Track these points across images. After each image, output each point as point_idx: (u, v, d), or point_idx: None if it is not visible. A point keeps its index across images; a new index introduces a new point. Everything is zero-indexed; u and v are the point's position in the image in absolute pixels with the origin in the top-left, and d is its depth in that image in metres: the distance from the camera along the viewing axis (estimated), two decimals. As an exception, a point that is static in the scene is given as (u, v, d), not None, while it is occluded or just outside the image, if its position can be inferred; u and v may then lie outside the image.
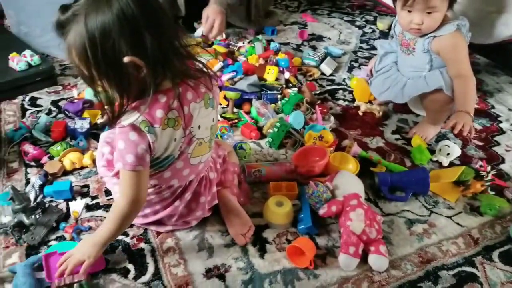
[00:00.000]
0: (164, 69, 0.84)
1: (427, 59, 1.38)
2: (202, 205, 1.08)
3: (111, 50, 0.77)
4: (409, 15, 1.31)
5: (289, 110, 1.49)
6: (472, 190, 1.27)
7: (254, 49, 1.86)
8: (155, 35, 0.79)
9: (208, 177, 1.10)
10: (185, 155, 0.98)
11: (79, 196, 1.20)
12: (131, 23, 0.77)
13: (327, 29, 2.26)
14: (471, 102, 1.32)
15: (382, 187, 1.24)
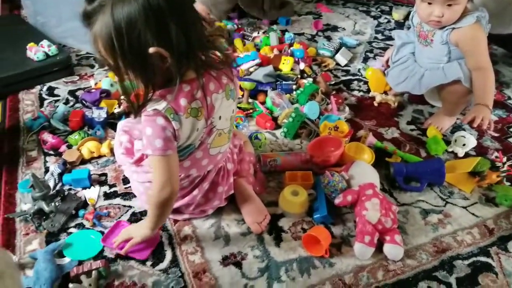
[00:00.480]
0: (189, 59, 0.84)
1: (445, 51, 1.37)
2: (220, 194, 1.10)
3: (136, 41, 0.78)
4: (429, 7, 1.29)
5: (304, 100, 1.50)
6: (487, 181, 1.26)
7: (268, 39, 1.86)
8: (180, 26, 0.80)
9: (226, 168, 1.11)
10: (205, 145, 0.99)
11: (97, 184, 1.22)
12: (157, 13, 0.77)
13: (342, 20, 2.24)
14: (490, 95, 1.31)
15: (397, 177, 1.24)
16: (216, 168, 1.08)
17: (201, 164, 1.03)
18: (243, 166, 1.19)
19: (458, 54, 1.36)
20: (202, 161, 1.02)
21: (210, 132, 0.98)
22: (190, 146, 0.97)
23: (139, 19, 0.77)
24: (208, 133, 0.97)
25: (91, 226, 1.11)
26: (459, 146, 1.38)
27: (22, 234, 1.08)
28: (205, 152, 1.01)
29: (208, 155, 1.02)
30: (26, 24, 1.95)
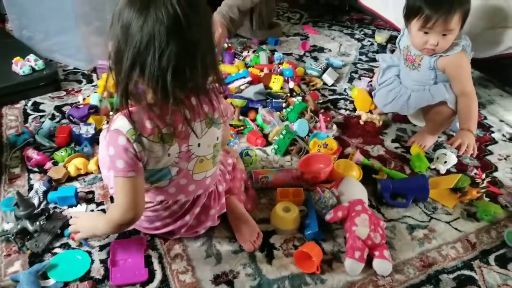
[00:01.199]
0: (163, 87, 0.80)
1: (432, 75, 1.43)
2: (212, 216, 1.10)
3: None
4: (425, 36, 1.34)
5: (294, 118, 1.53)
6: (468, 196, 1.31)
7: (258, 58, 1.90)
8: (171, 55, 0.78)
9: (217, 190, 1.11)
10: (185, 171, 0.97)
11: (84, 202, 1.20)
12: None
13: (328, 41, 2.32)
14: (474, 120, 1.39)
15: (384, 193, 1.27)
16: (207, 193, 1.08)
17: (188, 189, 1.02)
18: (235, 184, 1.20)
19: (444, 77, 1.43)
20: (189, 187, 1.02)
21: (188, 158, 0.96)
22: (163, 171, 0.94)
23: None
24: (186, 160, 0.96)
25: (77, 246, 1.08)
26: (441, 163, 1.44)
27: (3, 255, 1.04)
28: (188, 178, 1.00)
29: (193, 181, 1.01)
30: (11, 38, 1.93)
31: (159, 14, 0.75)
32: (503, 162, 1.52)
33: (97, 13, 1.82)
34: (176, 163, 0.94)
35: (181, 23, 0.76)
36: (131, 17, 0.77)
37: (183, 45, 0.78)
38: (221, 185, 1.12)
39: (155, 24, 0.75)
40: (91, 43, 1.83)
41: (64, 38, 1.82)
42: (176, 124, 0.88)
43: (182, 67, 0.79)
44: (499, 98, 1.93)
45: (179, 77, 0.80)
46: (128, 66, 0.79)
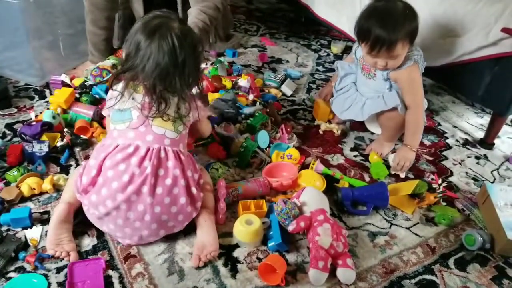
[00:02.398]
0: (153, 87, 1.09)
1: (387, 85, 1.48)
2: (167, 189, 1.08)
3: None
4: (373, 59, 1.40)
5: (256, 128, 1.53)
6: (426, 202, 1.36)
7: (217, 70, 1.89)
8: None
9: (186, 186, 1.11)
10: (147, 121, 1.10)
11: (39, 223, 1.15)
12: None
13: (285, 52, 2.35)
14: (418, 135, 1.47)
15: (345, 201, 1.29)
16: (167, 153, 1.10)
17: (145, 138, 1.09)
18: (206, 197, 1.19)
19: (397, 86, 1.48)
20: (147, 136, 1.09)
21: (150, 109, 1.09)
22: (127, 112, 1.11)
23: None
24: (147, 109, 1.09)
25: (32, 270, 1.02)
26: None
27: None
28: (147, 128, 1.10)
29: (152, 131, 1.10)
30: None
31: (161, 42, 1.06)
32: (458, 167, 1.59)
33: (50, 27, 1.77)
34: (139, 109, 1.10)
35: (175, 52, 1.06)
36: (141, 39, 1.07)
37: (173, 64, 1.07)
38: (193, 187, 1.13)
39: (157, 47, 1.06)
40: (43, 57, 1.77)
41: (14, 53, 1.74)
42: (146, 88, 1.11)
43: (170, 76, 1.08)
44: (451, 105, 2.02)
45: (164, 84, 1.09)
46: (132, 65, 1.09)
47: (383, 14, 1.33)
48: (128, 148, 1.08)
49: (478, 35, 1.53)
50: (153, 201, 1.05)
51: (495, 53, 1.51)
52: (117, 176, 1.05)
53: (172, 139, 1.11)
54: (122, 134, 1.10)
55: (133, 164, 1.06)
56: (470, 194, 1.45)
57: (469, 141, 1.76)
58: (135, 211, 1.06)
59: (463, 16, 1.58)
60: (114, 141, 1.10)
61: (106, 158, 1.08)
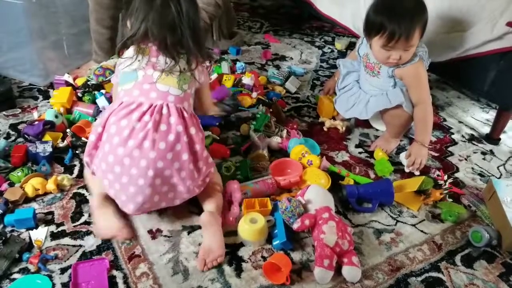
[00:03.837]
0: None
1: (391, 82, 1.46)
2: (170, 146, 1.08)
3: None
4: (388, 52, 1.37)
5: (261, 131, 1.51)
6: (432, 198, 1.34)
7: (220, 68, 1.89)
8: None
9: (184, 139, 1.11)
10: (151, 79, 1.13)
11: (43, 224, 1.15)
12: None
13: (289, 49, 2.34)
14: (428, 131, 1.45)
15: (350, 199, 1.28)
16: (169, 109, 1.11)
17: (149, 95, 1.11)
18: (216, 198, 1.19)
19: (402, 83, 1.46)
20: (150, 93, 1.11)
21: (154, 68, 1.14)
22: (133, 73, 1.14)
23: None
24: (152, 68, 1.14)
25: (35, 271, 1.02)
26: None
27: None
28: (152, 85, 1.12)
29: (156, 89, 1.12)
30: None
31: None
32: (464, 163, 1.57)
33: (53, 27, 1.77)
34: (144, 69, 1.14)
35: (180, 3, 1.13)
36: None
37: (180, 20, 1.13)
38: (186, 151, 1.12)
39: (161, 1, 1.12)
40: (47, 57, 1.77)
41: (18, 53, 1.75)
42: (153, 45, 1.17)
43: (177, 28, 1.14)
44: (456, 100, 2.00)
45: (173, 32, 1.14)
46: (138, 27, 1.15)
47: (396, 5, 1.33)
48: (132, 105, 1.10)
49: (483, 29, 1.51)
50: (156, 155, 1.06)
51: (501, 47, 1.49)
52: (119, 131, 1.07)
53: (176, 96, 1.13)
54: (128, 93, 1.13)
55: (134, 119, 1.07)
56: (476, 190, 1.43)
57: (475, 137, 1.74)
58: (138, 167, 1.06)
59: (468, 10, 1.56)
60: (119, 100, 1.13)
61: (111, 115, 1.11)
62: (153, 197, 1.10)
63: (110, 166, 1.07)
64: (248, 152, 1.46)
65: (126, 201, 1.10)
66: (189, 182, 1.12)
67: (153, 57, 1.15)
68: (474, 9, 1.54)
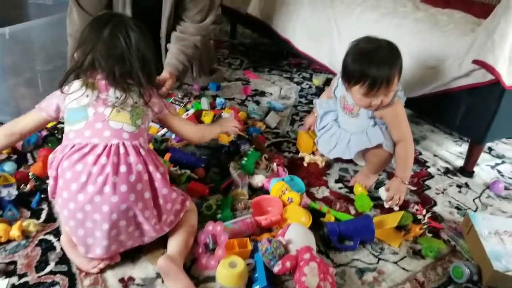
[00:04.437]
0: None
1: (371, 122, 1.48)
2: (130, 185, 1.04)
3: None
4: (369, 99, 1.38)
5: (252, 168, 1.50)
6: (412, 234, 1.34)
7: (200, 104, 1.89)
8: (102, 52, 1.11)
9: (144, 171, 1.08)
10: (101, 115, 1.08)
11: (3, 275, 1.07)
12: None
13: (268, 85, 2.38)
14: (409, 169, 1.48)
15: (332, 237, 1.27)
16: (127, 148, 1.07)
17: (102, 134, 1.06)
18: (186, 240, 1.15)
19: (382, 121, 1.47)
20: (104, 132, 1.07)
21: (105, 105, 1.09)
22: (81, 110, 1.08)
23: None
24: (103, 105, 1.09)
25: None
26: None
27: None
28: (104, 124, 1.08)
29: (109, 127, 1.08)
30: None
31: (115, 29, 1.11)
32: (441, 196, 1.59)
33: (28, 64, 1.74)
34: (94, 106, 1.09)
35: (129, 37, 1.11)
36: (93, 29, 1.12)
37: (128, 47, 1.11)
38: (165, 187, 1.11)
39: (110, 33, 1.10)
40: (19, 95, 1.74)
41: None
42: (101, 79, 1.12)
43: (126, 60, 1.11)
44: (430, 134, 2.06)
45: (121, 64, 1.11)
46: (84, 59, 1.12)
47: (373, 54, 1.34)
48: (85, 148, 1.05)
49: (451, 66, 1.57)
50: (118, 199, 1.02)
51: (469, 83, 1.54)
52: (75, 177, 1.03)
53: (130, 132, 1.09)
54: (79, 134, 1.07)
55: (90, 162, 1.03)
56: (455, 223, 1.44)
57: (450, 170, 1.77)
58: (100, 212, 1.02)
59: (437, 49, 1.63)
60: (70, 142, 1.07)
61: (63, 159, 1.05)
62: (119, 237, 1.06)
63: (72, 213, 1.03)
64: (227, 190, 1.44)
65: (93, 245, 1.05)
66: (154, 221, 1.09)
67: (103, 92, 1.11)
68: (442, 48, 1.61)
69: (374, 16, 1.89)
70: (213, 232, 1.16)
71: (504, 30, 1.36)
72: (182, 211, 1.17)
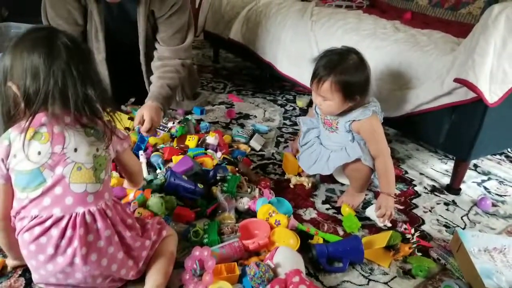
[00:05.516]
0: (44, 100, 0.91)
1: (349, 137, 1.50)
2: (111, 255, 0.98)
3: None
4: (316, 96, 1.47)
5: (234, 192, 1.48)
6: (401, 253, 1.32)
7: (184, 128, 1.88)
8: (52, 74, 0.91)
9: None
10: (61, 178, 0.93)
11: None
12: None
13: (252, 108, 2.39)
14: (392, 182, 1.47)
15: (320, 259, 1.24)
16: (95, 216, 0.96)
17: (64, 202, 0.94)
18: (165, 266, 1.10)
19: (360, 137, 1.50)
20: (65, 199, 0.94)
21: (63, 163, 0.94)
22: (35, 173, 0.92)
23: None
24: (61, 164, 0.94)
25: None
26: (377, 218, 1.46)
27: None
28: (65, 188, 0.94)
29: (70, 192, 0.94)
30: None
31: (47, 50, 0.91)
32: (429, 214, 1.58)
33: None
34: (50, 167, 0.93)
35: (68, 59, 0.92)
36: (21, 54, 0.91)
37: (68, 76, 0.92)
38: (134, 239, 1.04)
39: (43, 57, 0.90)
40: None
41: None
42: (51, 126, 0.93)
43: (65, 93, 0.92)
44: (416, 152, 2.07)
45: (62, 101, 0.93)
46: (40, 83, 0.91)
47: (332, 57, 1.42)
48: (46, 221, 0.93)
49: (433, 85, 1.60)
50: (90, 268, 0.96)
51: (451, 101, 1.57)
52: (40, 249, 0.94)
53: (95, 192, 0.97)
54: (37, 203, 0.93)
55: (55, 236, 0.93)
56: (444, 242, 1.43)
57: (437, 188, 1.78)
58: (74, 278, 0.97)
59: (417, 68, 1.66)
60: (28, 213, 0.93)
61: (23, 230, 0.94)
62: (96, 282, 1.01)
63: (43, 277, 0.98)
64: (213, 215, 1.41)
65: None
66: (132, 273, 1.05)
67: (57, 144, 0.94)
68: (423, 67, 1.64)
69: (355, 38, 1.93)
70: (200, 257, 1.12)
71: (484, 48, 1.39)
72: (157, 242, 1.13)
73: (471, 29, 1.49)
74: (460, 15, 2.35)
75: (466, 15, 2.33)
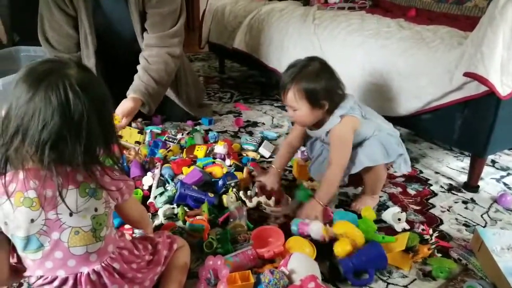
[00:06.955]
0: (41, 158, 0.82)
1: None
2: None
3: None
4: (287, 109, 1.45)
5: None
6: (420, 255, 1.28)
7: (193, 139, 1.88)
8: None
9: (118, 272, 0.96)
10: (59, 242, 0.88)
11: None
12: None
13: (260, 115, 2.38)
14: (329, 193, 1.43)
15: (348, 275, 1.18)
16: (100, 273, 0.93)
17: (67, 265, 0.90)
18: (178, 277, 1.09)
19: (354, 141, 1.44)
20: (68, 262, 0.90)
21: (59, 228, 0.87)
22: (32, 239, 0.87)
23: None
24: (57, 230, 0.87)
25: None
26: (395, 222, 1.42)
27: None
28: (65, 252, 0.89)
29: (71, 255, 0.90)
30: None
31: (49, 92, 0.80)
32: (447, 214, 1.54)
33: None
34: (46, 232, 0.87)
35: (69, 106, 0.81)
36: (21, 91, 0.80)
37: (67, 124, 0.81)
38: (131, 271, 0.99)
39: (43, 101, 0.79)
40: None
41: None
42: (42, 190, 0.85)
43: (62, 142, 0.82)
44: (429, 151, 2.03)
45: (57, 151, 0.82)
46: (12, 132, 0.81)
47: (294, 67, 1.39)
48: (54, 282, 0.90)
49: (441, 81, 1.57)
50: None
51: (462, 96, 1.53)
52: None
53: (97, 251, 0.92)
54: (39, 264, 0.90)
55: None
56: (464, 241, 1.38)
57: (454, 186, 1.73)
58: None
59: (424, 65, 1.63)
60: (33, 272, 0.91)
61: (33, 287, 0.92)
62: None
63: None
64: (225, 224, 1.39)
65: None
66: None
67: (50, 210, 0.86)
68: (430, 63, 1.61)
69: (359, 39, 1.91)
70: (214, 266, 1.11)
71: (492, 40, 1.36)
72: (169, 256, 1.11)
73: (478, 22, 1.45)
74: (466, 9, 2.31)
75: (472, 8, 2.29)
